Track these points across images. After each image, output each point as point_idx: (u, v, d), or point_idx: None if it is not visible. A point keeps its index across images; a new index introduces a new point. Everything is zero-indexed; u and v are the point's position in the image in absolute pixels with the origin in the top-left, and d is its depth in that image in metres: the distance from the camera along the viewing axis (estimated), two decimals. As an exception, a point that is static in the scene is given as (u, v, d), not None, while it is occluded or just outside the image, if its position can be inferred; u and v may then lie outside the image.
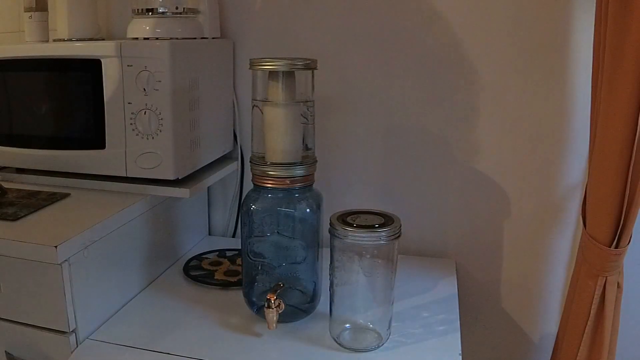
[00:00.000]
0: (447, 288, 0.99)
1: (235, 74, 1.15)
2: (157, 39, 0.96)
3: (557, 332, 1.01)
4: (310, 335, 0.82)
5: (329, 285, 0.80)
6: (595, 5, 0.86)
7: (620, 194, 0.82)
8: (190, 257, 1.08)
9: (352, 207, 0.81)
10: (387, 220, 0.76)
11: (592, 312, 0.89)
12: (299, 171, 0.81)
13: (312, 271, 0.84)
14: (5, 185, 0.97)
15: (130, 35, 0.99)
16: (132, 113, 0.92)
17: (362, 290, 0.79)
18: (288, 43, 1.12)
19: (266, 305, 0.77)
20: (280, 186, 0.81)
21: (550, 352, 1.03)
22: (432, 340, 0.81)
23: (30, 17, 1.05)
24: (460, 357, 0.77)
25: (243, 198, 0.90)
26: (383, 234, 0.74)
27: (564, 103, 1.02)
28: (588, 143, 0.96)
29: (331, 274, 0.79)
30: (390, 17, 1.06)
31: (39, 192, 0.94)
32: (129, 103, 0.92)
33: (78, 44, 0.98)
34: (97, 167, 0.96)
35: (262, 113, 0.83)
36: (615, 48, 0.78)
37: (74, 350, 0.78)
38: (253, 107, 0.84)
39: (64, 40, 1.02)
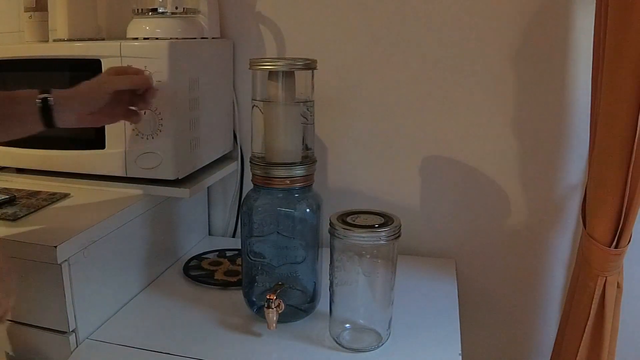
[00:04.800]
0: (447, 288, 0.99)
1: (235, 74, 1.15)
2: (157, 39, 0.96)
3: (557, 332, 1.01)
4: (310, 335, 0.82)
5: (329, 285, 0.80)
6: (595, 5, 0.87)
7: (620, 194, 0.82)
8: (190, 257, 1.08)
9: (352, 207, 0.81)
10: (387, 220, 0.76)
11: (592, 312, 0.89)
12: (298, 171, 0.81)
13: (312, 271, 0.84)
14: (5, 185, 0.97)
15: (130, 35, 0.99)
16: (132, 113, 0.92)
17: (362, 290, 0.79)
18: (288, 43, 1.12)
19: (266, 305, 0.77)
20: (280, 186, 0.81)
21: (550, 352, 1.03)
22: (432, 340, 0.81)
23: (30, 17, 1.05)
24: (460, 357, 0.77)
25: (243, 198, 0.90)
26: (383, 234, 0.74)
27: (564, 103, 1.02)
28: (588, 143, 0.96)
29: (331, 274, 0.79)
30: (390, 17, 1.06)
31: (39, 192, 0.94)
32: (129, 103, 0.92)
33: (78, 44, 0.98)
34: (97, 167, 0.96)
35: (262, 113, 0.83)
36: (615, 48, 0.78)
37: (74, 350, 0.78)
38: (253, 107, 0.84)
39: (64, 40, 1.02)
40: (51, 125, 0.73)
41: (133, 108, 0.84)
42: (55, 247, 0.72)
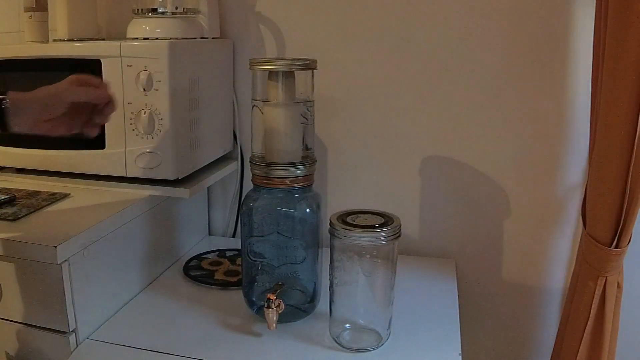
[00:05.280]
0: (447, 288, 0.99)
1: (235, 74, 1.15)
2: (157, 39, 0.96)
3: (557, 332, 1.01)
4: (310, 335, 0.82)
5: (329, 285, 0.80)
6: (595, 5, 0.86)
7: (620, 194, 0.82)
8: (190, 257, 1.08)
9: (352, 207, 0.81)
10: (387, 220, 0.76)
11: (592, 312, 0.89)
12: (298, 171, 0.81)
13: (312, 271, 0.84)
14: (5, 185, 0.97)
15: (130, 35, 0.99)
16: (132, 113, 0.92)
17: (362, 290, 0.79)
18: (288, 43, 1.12)
19: (266, 305, 0.77)
20: (280, 186, 0.81)
21: (550, 352, 1.03)
22: (432, 340, 0.81)
23: (30, 17, 1.05)
24: (460, 357, 0.77)
25: (243, 198, 0.90)
26: (383, 234, 0.74)
27: (564, 103, 1.02)
28: (588, 143, 0.96)
29: (331, 274, 0.79)
30: (390, 17, 1.06)
31: (39, 192, 0.94)
32: (128, 103, 0.92)
33: (78, 44, 0.98)
34: (97, 167, 0.96)
35: (262, 113, 0.83)
36: (615, 48, 0.78)
37: (74, 350, 0.78)
38: (253, 107, 0.84)
39: (64, 40, 1.02)
40: (4, 129, 0.70)
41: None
42: (55, 247, 0.72)
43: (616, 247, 0.86)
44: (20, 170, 1.04)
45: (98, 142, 0.95)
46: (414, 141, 1.10)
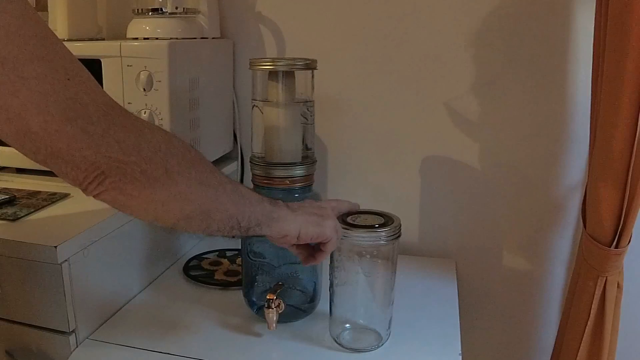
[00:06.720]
0: (447, 288, 0.99)
1: (235, 74, 1.15)
2: (157, 39, 0.96)
3: (557, 332, 1.01)
4: (310, 335, 0.82)
5: (329, 285, 0.80)
6: (595, 5, 0.87)
7: (620, 194, 0.82)
8: (190, 257, 1.08)
9: (352, 207, 0.81)
10: (387, 220, 0.76)
11: (592, 312, 0.89)
12: (298, 171, 0.81)
13: (312, 271, 0.84)
14: (5, 185, 0.97)
15: (130, 35, 0.99)
16: (132, 113, 0.92)
17: (362, 290, 0.79)
18: (288, 43, 1.12)
19: (266, 305, 0.77)
20: (280, 186, 0.81)
21: (550, 352, 1.03)
22: (432, 340, 0.81)
23: (30, 17, 1.04)
24: (460, 357, 0.77)
25: (243, 198, 0.90)
26: (383, 234, 0.74)
27: (564, 103, 1.02)
28: (588, 143, 0.96)
29: (331, 274, 0.79)
30: (390, 17, 1.06)
31: (39, 192, 0.94)
32: (129, 103, 0.92)
33: (78, 44, 0.98)
34: (97, 167, 0.96)
35: (262, 113, 0.83)
36: (615, 48, 0.78)
37: (74, 350, 0.78)
38: (253, 107, 0.84)
39: (64, 40, 1.02)
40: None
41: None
42: (55, 247, 0.72)
43: (616, 247, 0.86)
44: (20, 170, 1.04)
45: (98, 142, 0.94)
46: (414, 141, 1.10)
